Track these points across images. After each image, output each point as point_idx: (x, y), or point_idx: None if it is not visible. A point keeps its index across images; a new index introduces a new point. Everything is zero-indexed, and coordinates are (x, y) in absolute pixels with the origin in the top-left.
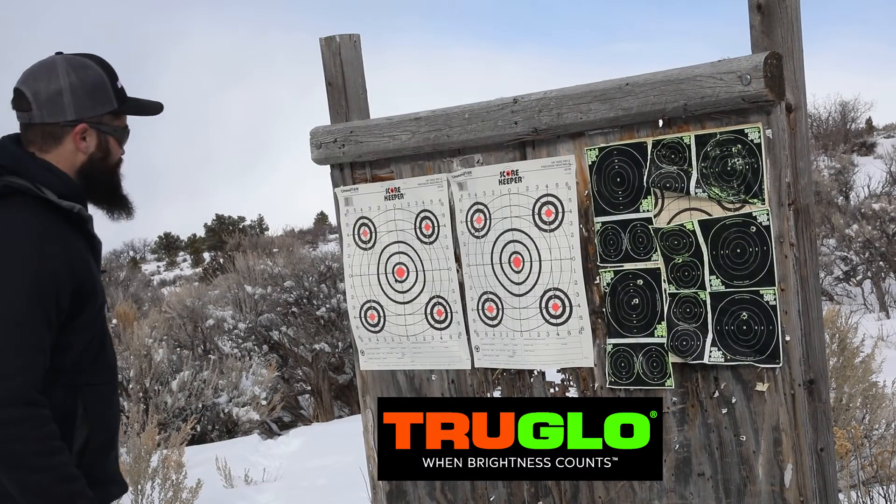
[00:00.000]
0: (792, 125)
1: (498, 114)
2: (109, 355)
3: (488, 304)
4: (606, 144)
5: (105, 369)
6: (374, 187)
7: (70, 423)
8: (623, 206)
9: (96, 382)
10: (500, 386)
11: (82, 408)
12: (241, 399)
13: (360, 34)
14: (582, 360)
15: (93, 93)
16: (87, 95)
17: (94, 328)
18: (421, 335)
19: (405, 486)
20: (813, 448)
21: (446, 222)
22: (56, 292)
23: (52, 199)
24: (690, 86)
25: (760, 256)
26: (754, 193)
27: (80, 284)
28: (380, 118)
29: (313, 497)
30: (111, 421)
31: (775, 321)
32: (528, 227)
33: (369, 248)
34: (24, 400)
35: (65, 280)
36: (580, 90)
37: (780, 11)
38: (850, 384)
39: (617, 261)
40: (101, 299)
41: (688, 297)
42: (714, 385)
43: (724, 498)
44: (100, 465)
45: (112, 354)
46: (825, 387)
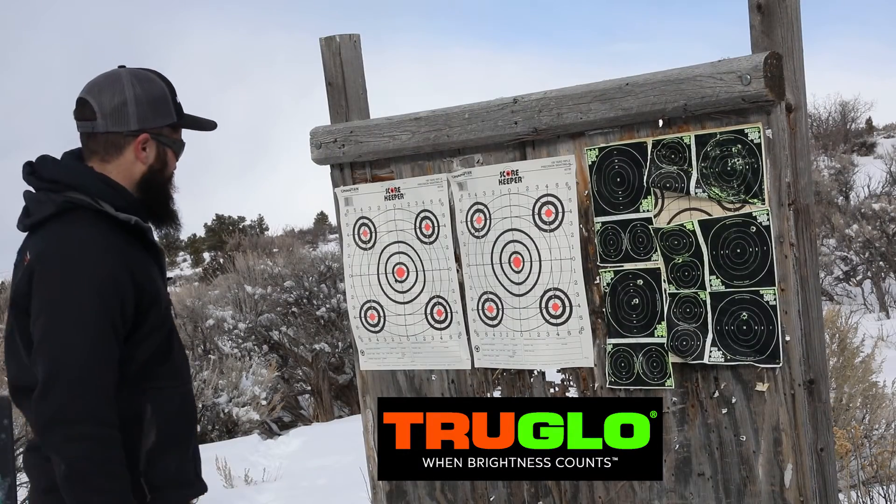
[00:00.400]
0: (792, 125)
1: (498, 114)
2: (177, 359)
3: (488, 304)
4: (606, 144)
5: (172, 373)
6: (374, 187)
7: (138, 426)
8: (623, 206)
9: (164, 386)
10: (500, 386)
11: (150, 411)
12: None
13: (361, 34)
14: (582, 360)
15: (155, 105)
16: (150, 107)
17: (159, 334)
18: (421, 335)
19: (405, 486)
20: (813, 448)
21: (446, 222)
22: (120, 304)
23: (110, 212)
24: (690, 86)
25: (760, 256)
26: (754, 193)
27: (142, 294)
28: (380, 118)
29: (313, 497)
30: (182, 423)
31: (775, 321)
32: (528, 227)
33: (369, 248)
34: (95, 418)
35: (127, 291)
36: (580, 90)
37: (780, 11)
38: (850, 384)
39: (617, 261)
40: (164, 306)
41: (688, 297)
42: (714, 385)
43: (724, 498)
44: (172, 467)
45: (181, 358)
46: (825, 387)
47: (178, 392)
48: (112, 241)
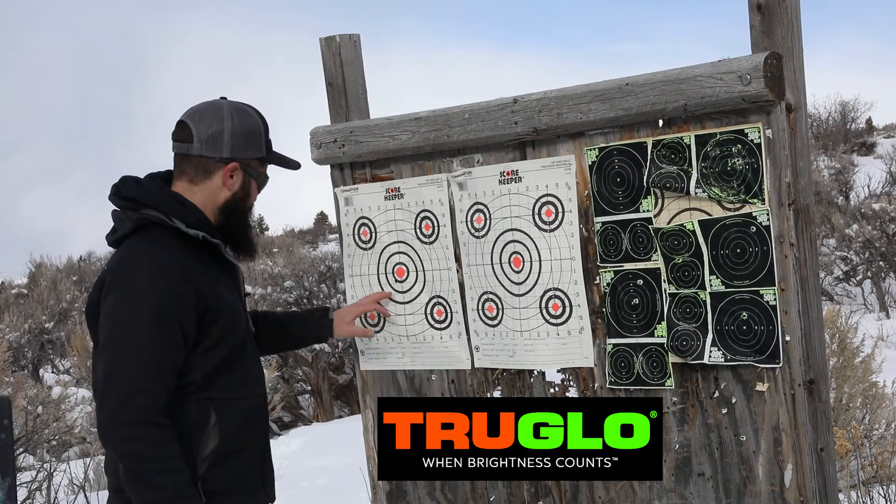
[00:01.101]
0: (792, 125)
1: (498, 114)
2: (246, 370)
3: (488, 304)
4: (606, 144)
5: (239, 383)
6: (374, 187)
7: (200, 433)
8: (623, 206)
9: (229, 397)
10: (500, 386)
11: (214, 419)
12: None
13: (361, 34)
14: (582, 360)
15: (249, 138)
16: (244, 139)
17: (225, 346)
18: (421, 335)
19: (405, 486)
20: (813, 448)
21: (446, 222)
22: (179, 317)
23: (181, 228)
24: (690, 86)
25: (760, 256)
26: (754, 193)
27: (206, 307)
28: (380, 118)
29: (313, 497)
30: (246, 434)
31: (775, 321)
32: (528, 227)
33: (369, 248)
34: (146, 420)
35: (188, 304)
36: (580, 90)
37: (780, 11)
38: (850, 384)
39: (617, 261)
40: (234, 320)
41: (688, 297)
42: (714, 385)
43: (724, 498)
44: (231, 475)
45: (251, 369)
46: (825, 387)
47: (245, 403)
48: (178, 257)
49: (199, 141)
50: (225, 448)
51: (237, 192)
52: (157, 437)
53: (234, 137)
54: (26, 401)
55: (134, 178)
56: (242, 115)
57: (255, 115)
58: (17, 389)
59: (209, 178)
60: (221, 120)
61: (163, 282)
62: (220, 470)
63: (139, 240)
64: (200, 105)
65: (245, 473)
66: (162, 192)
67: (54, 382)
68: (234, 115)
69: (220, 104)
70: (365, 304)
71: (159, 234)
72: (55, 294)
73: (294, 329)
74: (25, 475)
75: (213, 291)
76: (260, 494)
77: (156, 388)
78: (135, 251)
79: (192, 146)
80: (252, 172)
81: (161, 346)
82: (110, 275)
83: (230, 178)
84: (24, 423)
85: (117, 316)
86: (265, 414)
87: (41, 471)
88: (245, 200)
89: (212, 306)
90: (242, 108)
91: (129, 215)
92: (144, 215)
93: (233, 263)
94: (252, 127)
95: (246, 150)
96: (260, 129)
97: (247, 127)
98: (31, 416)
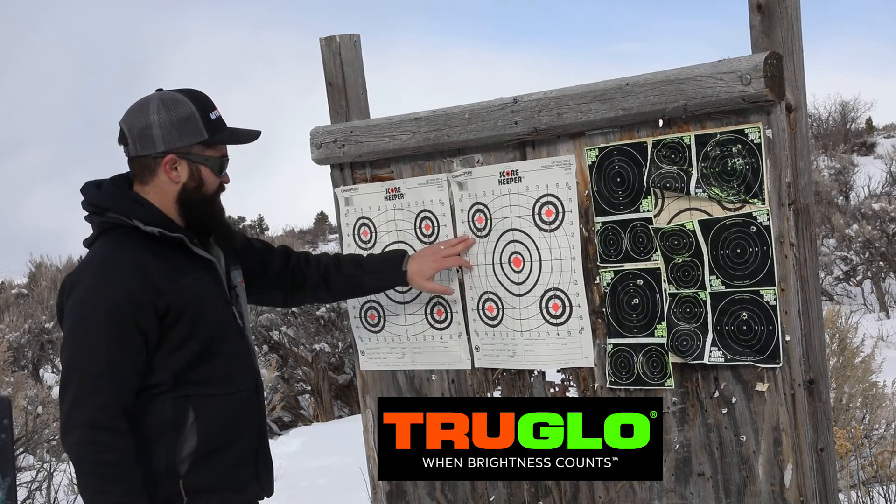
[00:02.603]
0: (792, 125)
1: (498, 114)
2: (230, 367)
3: (488, 304)
4: (606, 144)
5: (221, 380)
6: (374, 187)
7: (177, 432)
8: (623, 206)
9: (209, 393)
10: (500, 386)
11: (193, 417)
12: None
13: (362, 34)
14: (582, 360)
15: (181, 125)
16: (175, 128)
17: (196, 343)
18: (421, 335)
19: (405, 486)
20: (813, 448)
21: (446, 222)
22: (134, 316)
23: (140, 227)
24: (690, 86)
25: (760, 256)
26: (754, 193)
27: (167, 305)
28: (380, 118)
29: (313, 497)
30: (232, 429)
31: (775, 321)
32: (528, 227)
33: (369, 248)
34: (97, 424)
35: (144, 303)
36: (580, 90)
37: (780, 11)
38: (850, 384)
39: (617, 261)
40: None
41: (688, 297)
42: (714, 385)
43: (724, 498)
44: (216, 472)
45: (238, 366)
46: (825, 387)
47: (229, 398)
48: (135, 256)
49: (132, 141)
50: (207, 445)
51: (186, 182)
52: (106, 441)
53: (163, 129)
54: (26, 401)
55: (96, 182)
56: (170, 104)
57: (185, 100)
58: (17, 389)
59: (154, 175)
60: (147, 114)
61: (116, 282)
62: (204, 467)
63: (103, 243)
64: (133, 104)
65: (233, 469)
66: (119, 194)
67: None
68: (160, 106)
69: (148, 99)
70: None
71: (120, 235)
72: (55, 294)
73: (367, 281)
74: (25, 475)
75: (177, 288)
76: (252, 489)
77: (110, 390)
78: (91, 255)
79: (129, 148)
80: (196, 158)
81: (116, 346)
82: (69, 279)
83: (173, 171)
84: (24, 423)
85: (73, 318)
86: (257, 407)
87: (41, 471)
88: (200, 189)
89: (174, 304)
90: (171, 95)
91: (94, 219)
92: (107, 218)
93: (207, 259)
94: (183, 113)
95: (181, 139)
96: (193, 113)
97: (177, 115)
98: (31, 416)
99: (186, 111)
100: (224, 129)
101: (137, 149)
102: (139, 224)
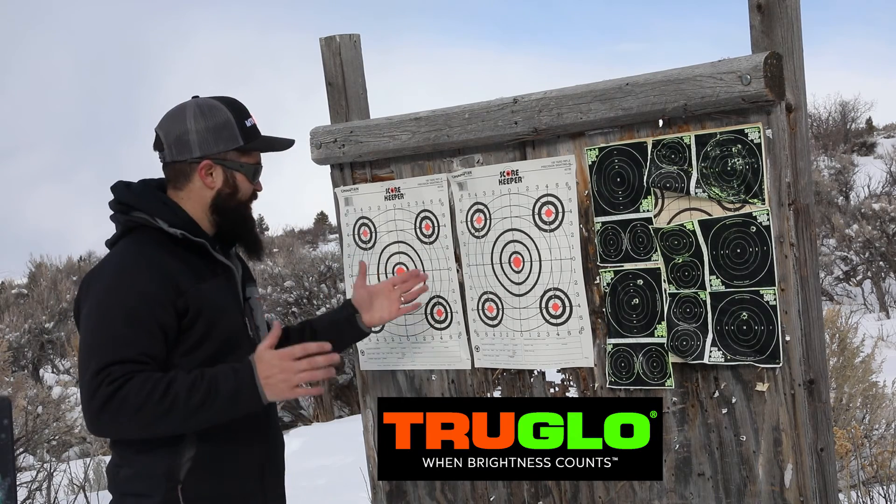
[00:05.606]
0: (792, 125)
1: (498, 114)
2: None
3: (488, 304)
4: (606, 144)
5: None
6: (374, 187)
7: (179, 437)
8: (623, 206)
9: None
10: (500, 386)
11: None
12: None
13: (365, 34)
14: (582, 360)
15: (217, 131)
16: (212, 134)
17: (208, 347)
18: (421, 335)
19: (405, 486)
20: (813, 448)
21: (446, 222)
22: (153, 311)
23: (164, 228)
24: (690, 86)
25: (760, 256)
26: (754, 193)
27: (186, 305)
28: (380, 118)
29: (313, 497)
30: (237, 437)
31: (775, 321)
32: (528, 227)
33: (369, 248)
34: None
35: (164, 300)
36: (580, 90)
37: (780, 11)
38: (850, 384)
39: (617, 261)
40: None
41: (688, 297)
42: (714, 385)
43: (724, 498)
44: (217, 480)
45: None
46: (825, 387)
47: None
48: (157, 255)
49: (168, 147)
50: (208, 454)
51: (221, 188)
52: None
53: (199, 135)
54: (26, 401)
55: (126, 182)
56: (207, 111)
57: (222, 107)
58: (17, 389)
59: (189, 181)
60: (184, 120)
61: (137, 279)
62: (203, 475)
63: (126, 242)
64: (170, 110)
65: (233, 480)
66: (148, 194)
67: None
68: (197, 112)
69: (184, 105)
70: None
71: (143, 235)
72: (55, 294)
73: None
74: (25, 475)
75: (196, 291)
76: (255, 498)
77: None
78: (112, 254)
79: (164, 154)
80: (231, 165)
81: (136, 337)
82: (89, 276)
83: (209, 177)
84: (24, 423)
85: (92, 315)
86: (265, 419)
87: (41, 471)
88: (235, 195)
89: (193, 305)
90: (208, 102)
91: (119, 218)
92: (132, 217)
93: (226, 265)
94: (219, 120)
95: (217, 145)
96: (229, 120)
97: (214, 121)
98: (31, 416)
99: (223, 118)
100: (259, 137)
101: (173, 154)
102: (163, 225)
